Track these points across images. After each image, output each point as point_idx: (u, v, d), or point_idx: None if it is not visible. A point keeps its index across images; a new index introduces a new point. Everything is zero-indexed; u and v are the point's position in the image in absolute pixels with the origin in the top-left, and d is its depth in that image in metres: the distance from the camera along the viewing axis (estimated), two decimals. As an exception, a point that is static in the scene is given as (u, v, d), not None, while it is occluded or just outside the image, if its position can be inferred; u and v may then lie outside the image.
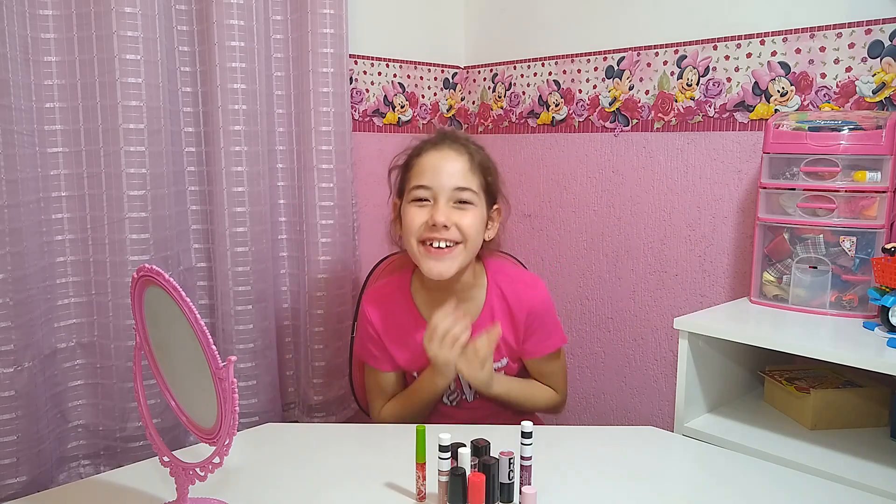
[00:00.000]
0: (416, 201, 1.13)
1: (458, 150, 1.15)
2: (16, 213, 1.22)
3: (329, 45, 1.60)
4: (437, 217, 1.10)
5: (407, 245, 1.16)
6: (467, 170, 1.14)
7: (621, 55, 1.69)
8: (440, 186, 1.12)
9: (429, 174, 1.13)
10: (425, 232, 1.12)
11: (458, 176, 1.13)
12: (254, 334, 1.56)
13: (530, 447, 0.84)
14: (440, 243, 1.11)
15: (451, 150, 1.15)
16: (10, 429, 1.24)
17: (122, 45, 1.31)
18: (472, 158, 1.15)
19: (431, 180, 1.12)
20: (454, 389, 1.23)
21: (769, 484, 0.92)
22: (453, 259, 1.12)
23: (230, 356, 0.69)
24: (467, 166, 1.14)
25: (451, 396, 1.24)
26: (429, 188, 1.12)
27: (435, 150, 1.15)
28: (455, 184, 1.12)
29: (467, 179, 1.13)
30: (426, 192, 1.13)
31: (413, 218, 1.13)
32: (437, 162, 1.14)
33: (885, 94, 1.30)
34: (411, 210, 1.14)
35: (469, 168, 1.14)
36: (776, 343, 1.10)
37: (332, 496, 0.88)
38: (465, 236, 1.12)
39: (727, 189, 1.53)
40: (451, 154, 1.14)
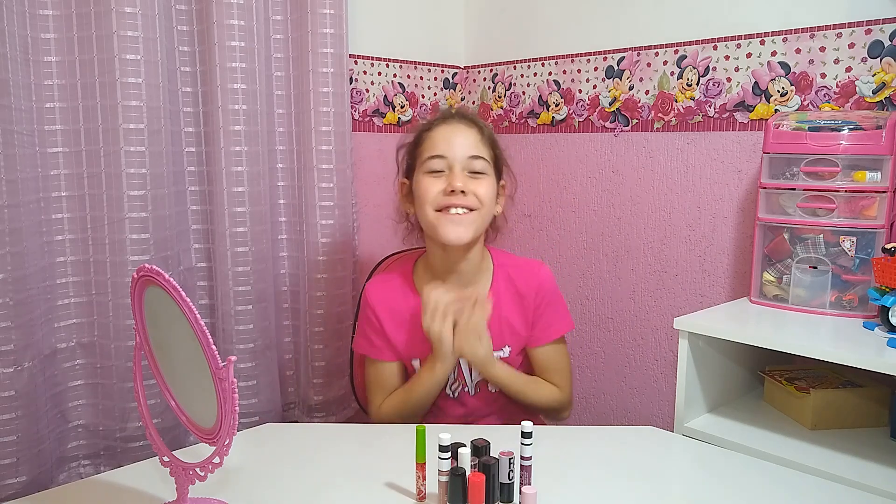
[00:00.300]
0: (430, 173, 1.16)
1: (468, 123, 1.19)
2: (16, 213, 1.22)
3: (329, 45, 1.60)
4: (455, 183, 1.13)
5: (421, 215, 1.17)
6: (479, 140, 1.17)
7: (621, 55, 1.69)
8: (454, 155, 1.15)
9: (442, 144, 1.16)
10: (442, 199, 1.14)
11: (471, 145, 1.16)
12: (254, 334, 1.56)
13: (530, 447, 0.84)
14: (458, 210, 1.14)
15: (462, 123, 1.19)
16: (10, 429, 1.24)
17: (122, 45, 1.31)
18: (482, 131, 1.19)
19: (446, 150, 1.15)
20: (456, 379, 1.23)
21: (769, 484, 0.92)
22: (470, 223, 1.14)
23: (230, 356, 0.69)
24: (479, 137, 1.18)
25: (452, 386, 1.23)
26: (443, 157, 1.15)
27: (446, 124, 1.19)
28: (469, 152, 1.15)
29: (479, 149, 1.17)
30: (441, 161, 1.15)
31: (428, 187, 1.15)
32: (449, 133, 1.17)
33: (885, 94, 1.30)
34: (426, 180, 1.16)
35: (480, 139, 1.18)
36: (776, 343, 1.10)
37: (332, 496, 0.88)
38: (481, 202, 1.15)
39: (727, 189, 1.53)
40: (463, 126, 1.18)
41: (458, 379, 1.24)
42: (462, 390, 1.24)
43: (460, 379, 1.24)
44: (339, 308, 1.67)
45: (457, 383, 1.24)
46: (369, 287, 1.26)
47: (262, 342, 1.58)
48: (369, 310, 1.24)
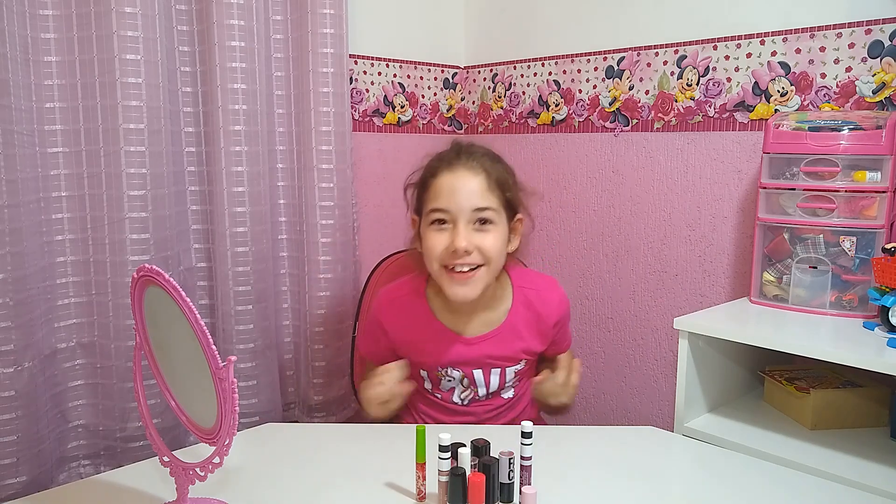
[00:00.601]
0: (434, 224, 1.11)
1: (473, 170, 1.12)
2: (16, 213, 1.22)
3: (329, 45, 1.60)
4: (459, 243, 1.07)
5: (430, 268, 1.14)
6: (485, 189, 1.11)
7: (621, 55, 1.69)
8: (458, 209, 1.09)
9: (445, 197, 1.10)
10: (447, 258, 1.10)
11: (476, 196, 1.10)
12: (254, 334, 1.56)
13: (530, 447, 0.84)
14: (463, 267, 1.10)
15: (467, 171, 1.11)
16: (10, 429, 1.24)
17: (122, 45, 1.31)
18: (489, 176, 1.12)
19: (448, 203, 1.10)
20: (467, 387, 1.20)
21: (769, 484, 0.92)
22: (477, 281, 1.10)
23: (230, 356, 0.69)
24: (484, 185, 1.11)
25: (462, 395, 1.21)
26: (447, 211, 1.10)
27: (449, 172, 1.12)
28: (474, 205, 1.09)
29: (485, 199, 1.10)
30: (444, 214, 1.10)
31: (434, 244, 1.10)
32: (453, 183, 1.10)
33: (885, 94, 1.30)
34: (431, 235, 1.11)
35: (486, 187, 1.11)
36: (776, 343, 1.11)
37: (332, 496, 0.88)
38: (487, 258, 1.10)
39: (727, 189, 1.53)
40: (467, 174, 1.11)
41: (469, 386, 1.20)
42: (473, 398, 1.21)
43: (472, 387, 1.20)
44: (340, 308, 1.67)
45: (468, 391, 1.21)
46: (380, 304, 1.22)
47: (262, 342, 1.58)
48: (380, 331, 1.21)
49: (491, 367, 1.19)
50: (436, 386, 1.22)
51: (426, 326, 1.18)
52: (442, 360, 1.18)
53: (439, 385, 1.21)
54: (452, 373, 1.19)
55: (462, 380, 1.20)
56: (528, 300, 1.20)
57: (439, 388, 1.22)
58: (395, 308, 1.21)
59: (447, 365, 1.18)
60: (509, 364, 1.20)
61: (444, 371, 1.19)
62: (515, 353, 1.20)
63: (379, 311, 1.21)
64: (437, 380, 1.21)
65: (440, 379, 1.20)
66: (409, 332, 1.19)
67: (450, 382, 1.20)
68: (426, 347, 1.18)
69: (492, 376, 1.20)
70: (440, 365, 1.18)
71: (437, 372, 1.20)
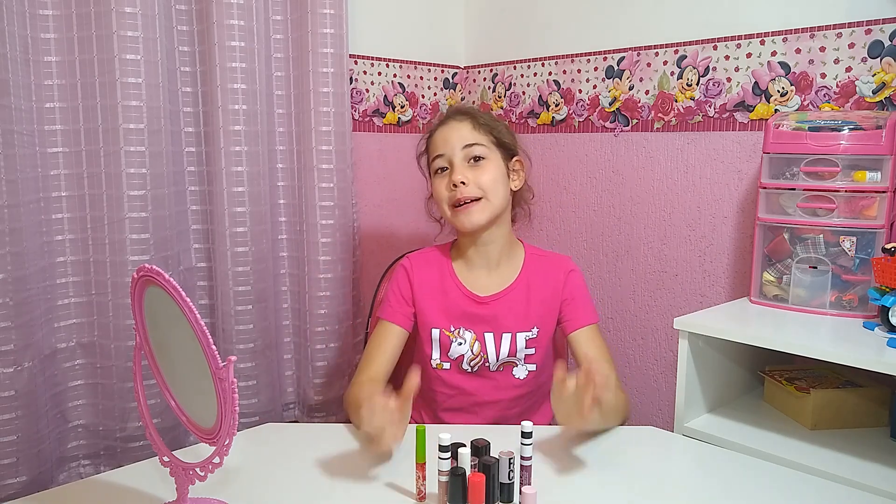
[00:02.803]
0: (437, 172, 1.24)
1: (461, 119, 1.25)
2: (16, 213, 1.22)
3: (329, 45, 1.60)
4: (454, 176, 1.19)
5: (442, 213, 1.25)
6: (472, 129, 1.23)
7: (621, 55, 1.69)
8: (451, 149, 1.21)
9: (440, 144, 1.23)
10: (451, 196, 1.20)
11: (466, 135, 1.22)
12: (254, 334, 1.56)
13: (530, 447, 0.84)
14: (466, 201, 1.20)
15: (455, 120, 1.25)
16: (10, 429, 1.24)
17: (122, 45, 1.31)
18: (476, 119, 1.24)
19: (444, 147, 1.22)
20: (477, 353, 1.23)
21: (769, 484, 0.92)
22: (479, 211, 1.20)
23: (230, 356, 0.69)
24: (471, 126, 1.23)
25: (472, 362, 1.23)
26: (442, 154, 1.22)
27: (443, 125, 1.26)
28: (464, 142, 1.21)
29: (474, 136, 1.22)
30: (442, 160, 1.22)
31: (438, 188, 1.23)
32: (446, 131, 1.24)
33: (885, 94, 1.30)
34: (436, 182, 1.24)
35: (473, 127, 1.23)
36: (776, 343, 1.10)
37: (332, 496, 0.88)
38: (484, 190, 1.20)
39: (727, 189, 1.53)
40: (455, 122, 1.25)
41: (479, 353, 1.23)
42: (483, 365, 1.24)
43: (482, 353, 1.23)
44: (340, 308, 1.67)
45: (477, 358, 1.23)
46: (410, 258, 1.31)
47: (262, 342, 1.58)
48: (402, 271, 1.28)
49: (502, 331, 1.23)
50: (444, 354, 1.24)
51: (446, 283, 1.26)
52: (455, 316, 1.23)
53: (448, 351, 1.24)
54: (464, 334, 1.23)
55: (473, 344, 1.23)
56: (541, 265, 1.28)
57: (448, 355, 1.24)
58: (423, 263, 1.30)
59: (460, 324, 1.23)
60: (520, 329, 1.23)
61: (456, 331, 1.23)
62: (526, 317, 1.23)
63: (409, 266, 1.29)
64: (448, 343, 1.23)
65: (451, 342, 1.23)
66: (430, 286, 1.26)
67: (460, 346, 1.23)
68: (443, 303, 1.25)
69: (502, 342, 1.23)
70: (453, 323, 1.23)
71: (449, 332, 1.23)
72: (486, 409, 1.25)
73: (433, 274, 1.28)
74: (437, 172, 1.24)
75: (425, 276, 1.27)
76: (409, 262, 1.29)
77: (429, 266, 1.29)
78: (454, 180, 1.19)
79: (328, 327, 1.66)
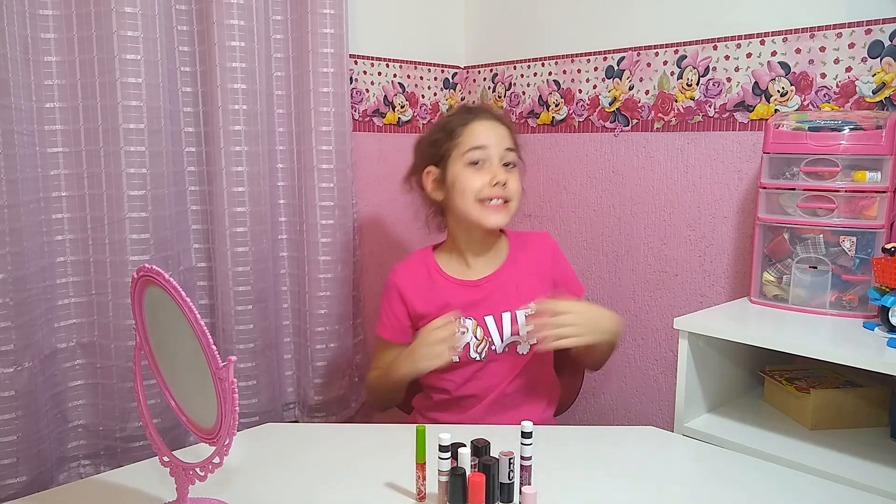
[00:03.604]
0: (471, 164, 1.25)
1: (500, 120, 1.30)
2: (16, 213, 1.22)
3: (329, 45, 1.60)
4: (500, 175, 1.23)
5: (461, 203, 1.25)
6: (509, 135, 1.29)
7: (621, 55, 1.69)
8: (494, 146, 1.25)
9: (482, 137, 1.25)
10: (487, 191, 1.23)
11: (506, 139, 1.27)
12: (254, 334, 1.56)
13: (530, 447, 0.84)
14: (496, 201, 1.24)
15: (496, 120, 1.29)
16: (10, 429, 1.24)
17: (122, 45, 1.31)
18: (510, 128, 1.30)
19: (486, 140, 1.25)
20: (482, 339, 1.26)
21: (769, 484, 0.93)
22: (507, 212, 1.26)
23: (230, 356, 0.69)
24: (508, 133, 1.29)
25: (478, 348, 1.26)
26: (485, 148, 1.24)
27: (481, 119, 1.28)
28: (505, 145, 1.26)
29: (512, 143, 1.29)
30: (482, 152, 1.24)
31: (471, 179, 1.24)
32: (488, 128, 1.27)
33: (885, 94, 1.30)
34: (467, 171, 1.25)
35: (509, 135, 1.29)
36: (776, 343, 1.11)
37: (332, 496, 0.88)
38: (511, 195, 1.25)
39: (727, 189, 1.53)
40: (496, 122, 1.29)
41: (484, 338, 1.26)
42: (489, 349, 1.26)
43: (486, 337, 1.26)
44: (340, 308, 1.67)
45: (482, 343, 1.26)
46: (395, 271, 1.34)
47: (262, 342, 1.58)
48: (396, 292, 1.31)
49: (500, 311, 1.26)
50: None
51: (436, 281, 1.30)
52: (452, 308, 1.24)
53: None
54: (465, 322, 1.26)
55: (476, 330, 1.26)
56: (523, 243, 1.35)
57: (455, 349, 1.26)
58: (408, 271, 1.33)
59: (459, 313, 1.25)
60: (518, 307, 1.26)
61: None
62: (520, 294, 1.27)
63: (394, 278, 1.32)
64: None
65: None
66: (421, 290, 1.30)
67: (464, 336, 1.25)
68: (437, 300, 1.27)
69: (504, 322, 1.26)
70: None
71: None
72: (495, 389, 1.28)
73: (420, 277, 1.31)
74: (471, 164, 1.25)
75: (413, 282, 1.31)
76: (394, 275, 1.33)
77: (415, 271, 1.32)
78: (499, 178, 1.23)
79: (328, 327, 1.66)
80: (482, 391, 1.27)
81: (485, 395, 1.27)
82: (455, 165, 1.26)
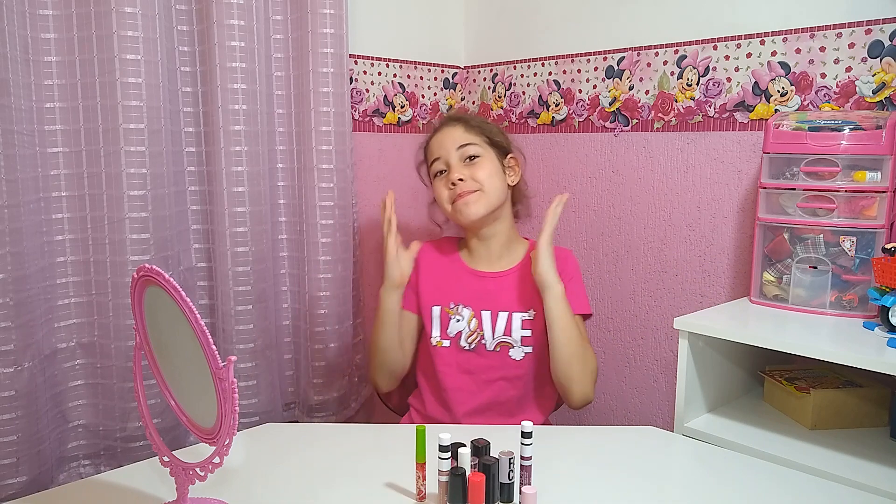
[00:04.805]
0: (437, 176, 1.33)
1: (453, 124, 1.35)
2: (16, 213, 1.22)
3: (329, 45, 1.60)
4: (452, 175, 1.29)
5: (444, 212, 1.34)
6: (464, 131, 1.32)
7: (621, 55, 1.69)
8: (447, 152, 1.31)
9: (436, 148, 1.33)
10: (451, 194, 1.29)
11: (458, 138, 1.31)
12: (254, 334, 1.56)
13: (530, 447, 0.84)
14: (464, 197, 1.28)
15: (448, 126, 1.35)
16: (10, 429, 1.24)
17: (122, 45, 1.31)
18: (469, 123, 1.34)
19: (439, 151, 1.32)
20: (474, 330, 1.29)
21: (769, 484, 0.93)
22: (477, 201, 1.28)
23: (230, 356, 0.69)
24: (464, 129, 1.33)
25: (469, 338, 1.29)
26: (439, 157, 1.32)
27: (438, 132, 1.36)
28: (457, 143, 1.30)
29: (467, 137, 1.31)
30: (439, 162, 1.32)
31: (439, 189, 1.33)
32: (442, 136, 1.34)
33: (885, 94, 1.30)
34: (436, 184, 1.33)
35: (465, 129, 1.32)
36: (776, 343, 1.11)
37: (333, 496, 0.88)
38: (480, 183, 1.28)
39: (727, 189, 1.53)
40: (449, 127, 1.34)
41: (476, 330, 1.29)
42: (479, 342, 1.29)
43: (479, 330, 1.29)
44: (340, 308, 1.67)
45: (474, 335, 1.29)
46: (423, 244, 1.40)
47: (262, 342, 1.58)
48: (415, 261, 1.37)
49: (499, 308, 1.29)
50: (444, 331, 1.32)
51: (450, 263, 1.38)
52: (455, 293, 1.32)
53: (447, 328, 1.31)
54: (462, 311, 1.31)
55: (470, 321, 1.30)
56: None
57: (447, 332, 1.31)
58: (433, 247, 1.41)
59: (459, 301, 1.32)
60: (517, 309, 1.29)
61: (455, 308, 1.32)
62: (523, 298, 1.29)
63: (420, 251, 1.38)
64: (447, 320, 1.31)
65: (450, 319, 1.31)
66: (434, 266, 1.37)
67: (458, 323, 1.30)
68: (444, 281, 1.34)
69: (498, 320, 1.29)
70: (453, 300, 1.32)
71: (448, 308, 1.32)
72: (486, 389, 1.29)
73: (440, 256, 1.39)
74: (437, 176, 1.32)
75: (431, 258, 1.38)
76: (421, 248, 1.39)
77: (438, 249, 1.40)
78: (452, 178, 1.28)
79: (328, 327, 1.66)
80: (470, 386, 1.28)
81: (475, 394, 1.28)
82: (433, 182, 1.36)
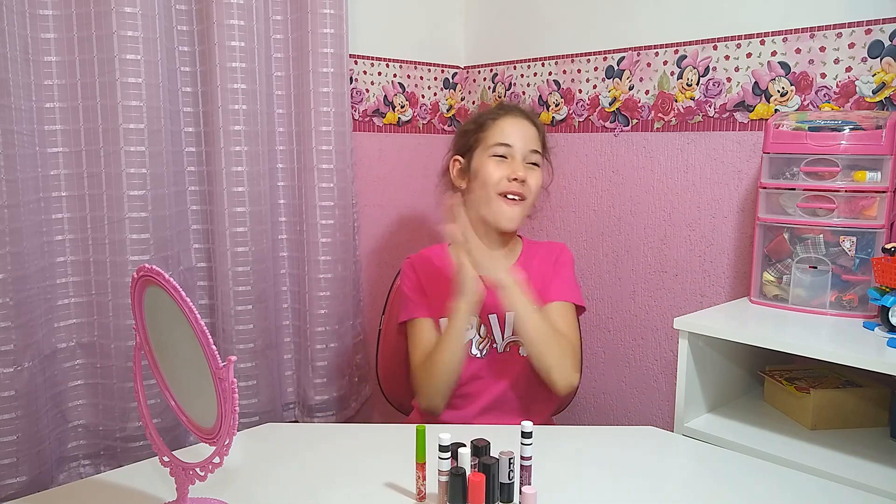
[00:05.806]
0: (495, 157, 1.29)
1: (530, 119, 1.34)
2: (16, 213, 1.22)
3: (329, 45, 1.60)
4: (519, 171, 1.26)
5: (481, 192, 1.29)
6: (536, 136, 1.32)
7: (621, 55, 1.69)
8: (519, 146, 1.28)
9: (509, 134, 1.29)
10: (505, 185, 1.27)
11: (532, 140, 1.30)
12: (254, 334, 1.56)
13: (530, 447, 0.84)
14: (513, 196, 1.27)
15: (526, 119, 1.33)
16: (10, 429, 1.24)
17: (122, 45, 1.31)
18: (539, 129, 1.34)
19: (513, 139, 1.28)
20: (485, 336, 1.28)
21: (769, 484, 0.93)
22: (521, 209, 1.28)
23: (230, 356, 0.69)
24: (537, 133, 1.32)
25: (480, 345, 1.28)
26: (509, 146, 1.28)
27: (512, 117, 1.32)
28: (530, 146, 1.29)
29: (538, 144, 1.32)
30: (506, 149, 1.28)
31: (493, 171, 1.28)
32: (515, 126, 1.30)
33: (885, 94, 1.30)
34: (491, 165, 1.28)
35: (537, 136, 1.32)
36: (776, 343, 1.10)
37: (332, 496, 0.88)
38: (528, 193, 1.29)
39: (727, 189, 1.53)
40: (526, 122, 1.32)
41: (486, 336, 1.28)
42: (491, 347, 1.28)
43: (489, 335, 1.28)
44: (340, 308, 1.67)
45: (485, 341, 1.28)
46: (412, 260, 1.37)
47: (262, 342, 1.58)
48: (408, 270, 1.35)
49: (504, 310, 1.26)
50: None
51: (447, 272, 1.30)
52: None
53: None
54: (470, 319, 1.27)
55: (479, 328, 1.28)
56: (537, 251, 1.38)
57: None
58: (423, 259, 1.36)
59: None
60: None
61: None
62: None
63: (411, 263, 1.35)
64: None
65: None
66: (433, 278, 1.32)
67: (468, 332, 1.26)
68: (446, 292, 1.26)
69: (506, 321, 1.27)
70: None
71: None
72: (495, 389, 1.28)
73: (434, 267, 1.34)
74: (494, 157, 1.28)
75: (428, 270, 1.34)
76: (410, 261, 1.36)
77: (429, 261, 1.35)
78: (517, 174, 1.26)
79: (328, 327, 1.66)
80: (483, 390, 1.27)
81: (485, 395, 1.27)
82: (480, 156, 1.30)
